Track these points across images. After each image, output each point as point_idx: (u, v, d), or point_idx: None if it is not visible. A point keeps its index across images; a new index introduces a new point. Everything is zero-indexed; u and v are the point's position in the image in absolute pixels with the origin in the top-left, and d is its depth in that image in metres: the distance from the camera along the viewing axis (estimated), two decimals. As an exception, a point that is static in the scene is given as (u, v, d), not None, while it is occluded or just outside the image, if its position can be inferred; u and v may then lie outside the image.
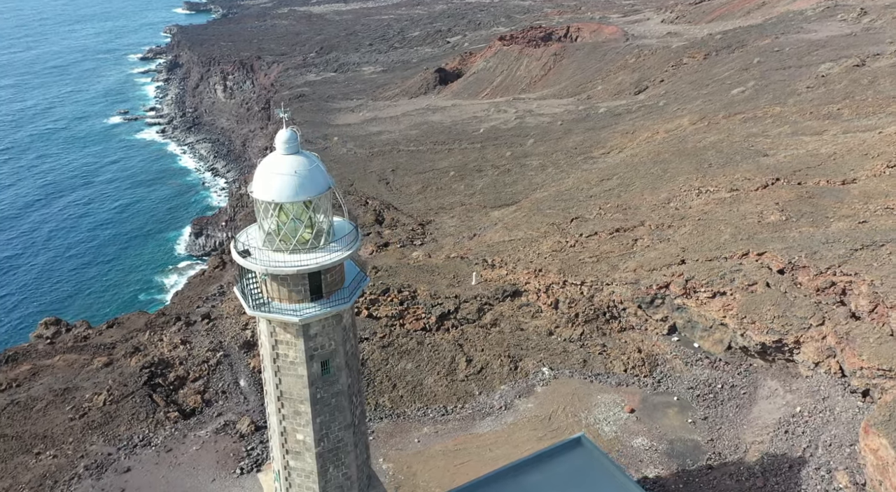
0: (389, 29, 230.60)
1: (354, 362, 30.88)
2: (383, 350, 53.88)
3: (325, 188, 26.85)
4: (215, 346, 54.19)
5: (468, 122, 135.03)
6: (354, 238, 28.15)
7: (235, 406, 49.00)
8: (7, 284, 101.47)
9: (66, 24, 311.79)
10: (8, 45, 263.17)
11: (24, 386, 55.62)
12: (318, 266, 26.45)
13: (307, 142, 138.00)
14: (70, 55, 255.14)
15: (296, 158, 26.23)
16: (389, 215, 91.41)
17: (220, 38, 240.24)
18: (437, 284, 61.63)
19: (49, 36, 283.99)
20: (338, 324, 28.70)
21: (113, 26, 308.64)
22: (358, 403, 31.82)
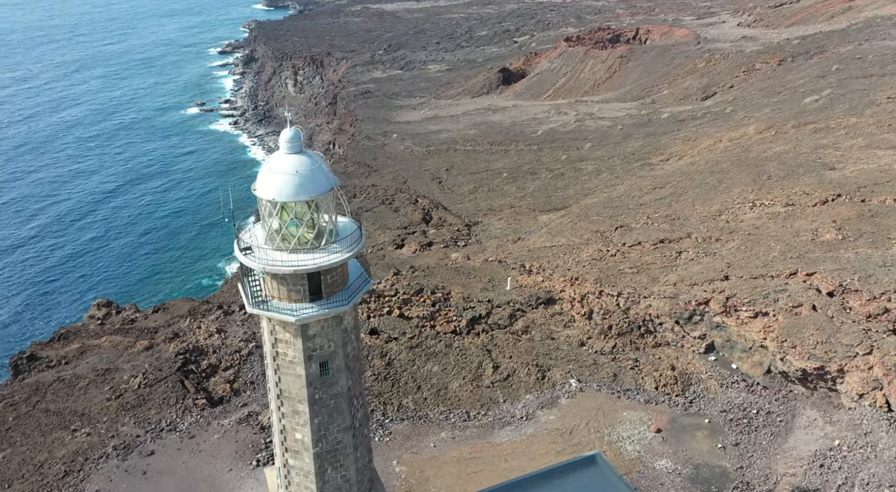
0: (458, 28, 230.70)
1: (356, 365, 30.75)
2: (411, 351, 53.79)
3: (326, 189, 26.75)
4: (248, 336, 55.37)
5: (527, 123, 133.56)
6: (356, 240, 27.98)
7: (261, 398, 49.88)
8: (85, 265, 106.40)
9: (154, 17, 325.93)
10: (102, 38, 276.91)
11: (72, 364, 58.38)
12: (316, 267, 26.40)
13: (367, 138, 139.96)
14: (156, 48, 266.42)
15: (298, 157, 26.24)
16: (437, 215, 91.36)
17: (294, 33, 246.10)
18: (472, 287, 61.14)
19: (139, 29, 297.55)
20: (338, 325, 28.60)
21: (197, 21, 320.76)
22: (359, 405, 31.67)
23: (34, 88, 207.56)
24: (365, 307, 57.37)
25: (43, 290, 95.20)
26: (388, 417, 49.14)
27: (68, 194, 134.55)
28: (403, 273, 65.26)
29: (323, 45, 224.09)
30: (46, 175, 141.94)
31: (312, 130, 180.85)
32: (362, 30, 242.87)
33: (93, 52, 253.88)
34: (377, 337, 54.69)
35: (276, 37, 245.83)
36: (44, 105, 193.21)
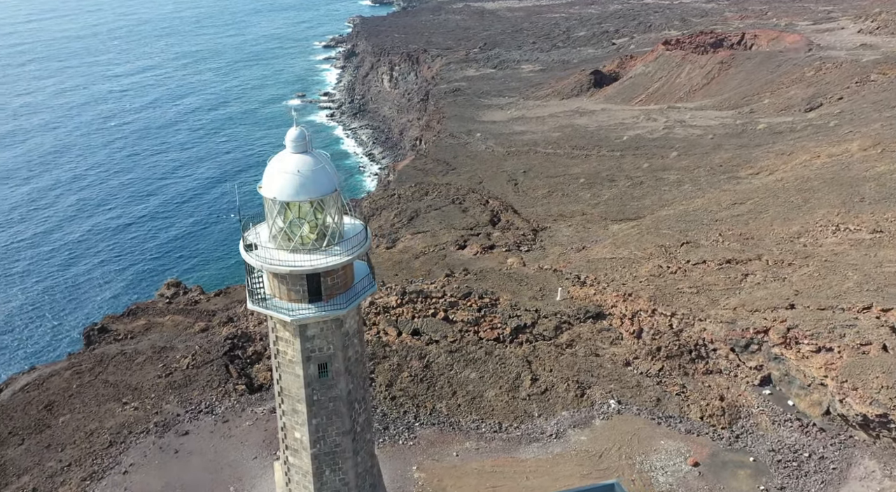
0: (556, 27, 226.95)
1: (358, 369, 30.55)
2: (450, 355, 53.26)
3: (329, 190, 26.62)
4: (295, 327, 56.47)
5: (613, 128, 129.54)
6: (359, 243, 27.75)
7: (297, 388, 50.79)
8: (183, 246, 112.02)
9: (268, 12, 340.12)
10: (220, 31, 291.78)
11: (136, 339, 61.78)
12: (313, 269, 26.33)
13: (450, 136, 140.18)
14: (267, 42, 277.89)
15: (302, 157, 26.23)
16: (506, 218, 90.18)
17: (395, 29, 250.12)
18: (522, 294, 59.84)
19: (253, 24, 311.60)
20: (338, 328, 28.47)
21: (307, 16, 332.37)
22: (361, 410, 31.44)
23: (157, 77, 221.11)
24: (411, 307, 57.35)
25: (140, 266, 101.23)
26: (420, 420, 48.86)
27: (177, 179, 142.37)
28: (456, 275, 64.80)
29: (420, 42, 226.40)
30: (160, 160, 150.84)
31: (403, 126, 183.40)
32: (461, 27, 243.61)
33: (211, 44, 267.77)
34: (418, 338, 54.53)
35: (377, 32, 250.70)
36: (164, 94, 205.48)
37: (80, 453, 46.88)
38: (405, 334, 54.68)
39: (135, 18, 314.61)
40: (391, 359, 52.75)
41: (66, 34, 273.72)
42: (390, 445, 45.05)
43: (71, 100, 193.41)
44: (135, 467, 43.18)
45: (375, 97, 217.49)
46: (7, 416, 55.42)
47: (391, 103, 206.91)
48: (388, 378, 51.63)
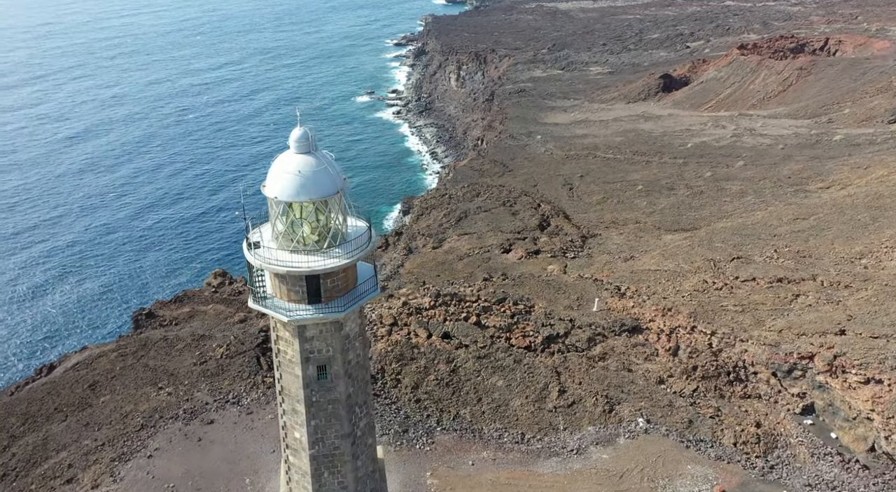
0: (628, 29, 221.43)
1: (360, 373, 30.35)
2: (479, 361, 52.55)
3: (331, 191, 26.45)
4: (327, 324, 56.97)
5: (678, 134, 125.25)
6: (360, 246, 27.49)
7: (323, 385, 51.20)
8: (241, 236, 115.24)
9: (345, 10, 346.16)
10: (299, 28, 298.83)
11: (180, 326, 63.76)
12: (309, 270, 26.23)
13: (510, 137, 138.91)
14: (342, 39, 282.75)
15: (305, 157, 26.15)
16: (556, 222, 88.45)
17: (465, 29, 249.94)
18: (558, 302, 58.46)
19: (329, 21, 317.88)
20: (337, 331, 28.33)
21: (381, 14, 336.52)
22: (362, 414, 31.25)
23: (236, 72, 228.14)
24: (443, 310, 56.90)
25: (205, 255, 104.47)
26: (442, 425, 48.43)
27: (248, 172, 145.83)
28: (494, 279, 63.95)
29: (489, 42, 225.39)
30: (233, 153, 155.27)
31: (467, 126, 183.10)
32: (531, 28, 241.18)
33: (288, 41, 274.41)
34: (448, 341, 54.04)
35: (447, 31, 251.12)
36: (241, 89, 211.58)
37: (113, 434, 48.68)
38: (435, 337, 54.29)
39: (219, 14, 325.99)
40: (419, 361, 52.49)
41: (155, 29, 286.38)
42: (407, 448, 44.78)
43: (155, 92, 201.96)
44: (159, 452, 44.46)
45: (442, 96, 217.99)
46: (56, 392, 58.21)
47: (457, 102, 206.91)
48: (414, 380, 51.40)
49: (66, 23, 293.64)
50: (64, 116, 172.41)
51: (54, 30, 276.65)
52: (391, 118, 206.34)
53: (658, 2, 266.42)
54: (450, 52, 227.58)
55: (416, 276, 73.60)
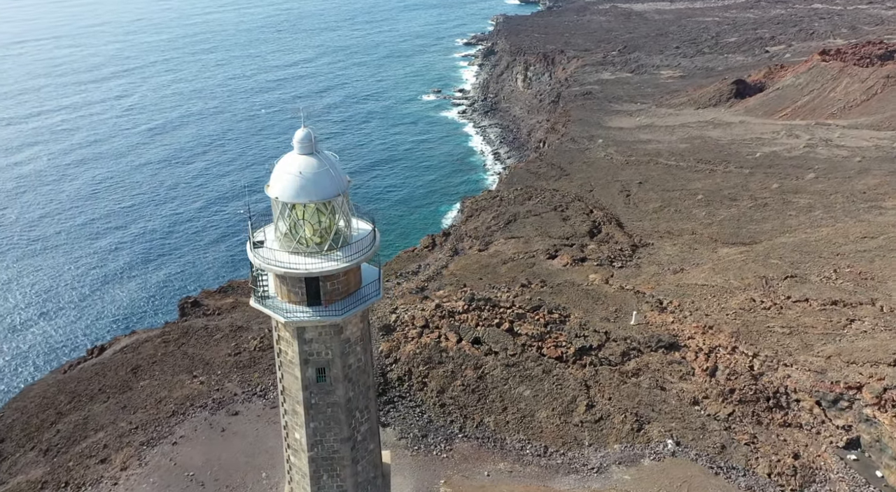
0: (704, 32, 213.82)
1: (361, 378, 30.05)
2: (507, 369, 51.56)
3: (332, 193, 26.20)
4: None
5: (747, 143, 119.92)
6: (362, 249, 27.18)
7: (349, 383, 51.34)
8: None
9: (418, 9, 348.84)
10: (371, 27, 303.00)
11: (221, 316, 65.38)
12: (307, 272, 26.08)
13: (571, 140, 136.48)
14: (414, 39, 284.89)
15: (307, 158, 25.99)
16: (607, 230, 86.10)
17: (535, 29, 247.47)
18: (594, 313, 56.73)
19: (403, 20, 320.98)
20: (336, 334, 28.12)
21: (453, 13, 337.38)
22: (363, 419, 30.96)
23: (310, 70, 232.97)
24: (476, 315, 56.13)
25: None
26: (464, 432, 47.76)
27: None
28: (532, 286, 62.68)
29: (559, 43, 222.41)
30: None
31: (532, 127, 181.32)
32: (603, 29, 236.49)
33: (361, 39, 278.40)
34: (478, 347, 53.25)
35: (517, 31, 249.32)
36: (314, 86, 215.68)
37: (146, 418, 50.26)
38: (465, 342, 53.60)
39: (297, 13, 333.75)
40: (446, 365, 51.94)
41: (235, 26, 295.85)
42: (424, 454, 44.32)
43: (232, 87, 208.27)
44: (184, 440, 45.55)
45: (508, 96, 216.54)
46: (102, 373, 60.72)
47: (522, 103, 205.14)
48: (440, 384, 50.90)
49: (156, 19, 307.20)
50: (147, 109, 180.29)
51: (144, 26, 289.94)
52: (456, 117, 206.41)
53: (740, 4, 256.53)
54: (518, 52, 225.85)
55: (457, 278, 73.01)
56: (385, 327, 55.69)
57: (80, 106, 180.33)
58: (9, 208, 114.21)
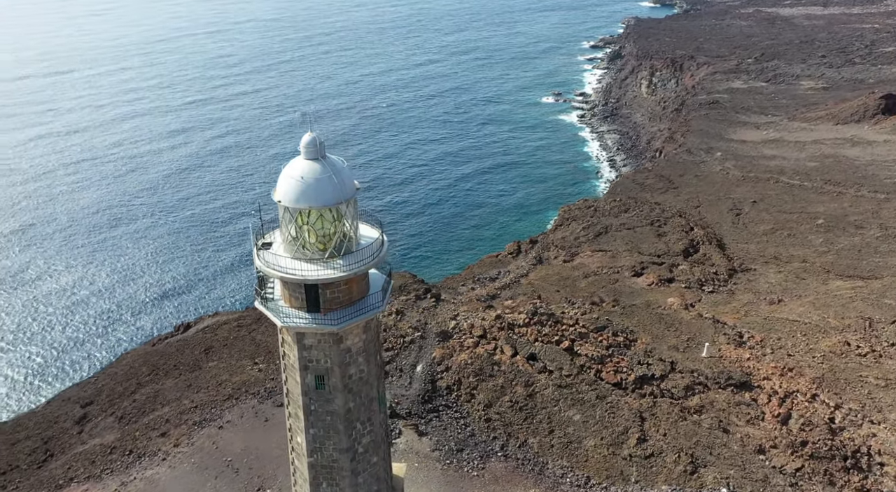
0: (858, 40, 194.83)
1: (363, 389, 29.46)
2: (559, 389, 49.17)
3: (334, 200, 25.74)
4: (419, 325, 56.72)
5: (888, 165, 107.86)
6: (363, 259, 26.56)
7: (397, 387, 51.00)
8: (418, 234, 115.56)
9: (547, 11, 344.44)
10: (500, 30, 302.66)
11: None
12: (302, 278, 25.79)
13: (687, 151, 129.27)
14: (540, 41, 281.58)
15: (312, 164, 25.65)
16: (705, 250, 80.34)
17: (667, 33, 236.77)
18: (663, 340, 52.86)
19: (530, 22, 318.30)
20: (335, 343, 27.72)
21: (583, 15, 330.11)
22: (365, 432, 30.39)
23: (438, 70, 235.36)
24: (536, 330, 53.95)
25: None
26: (504, 450, 46.06)
27: (434, 170, 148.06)
28: (603, 304, 59.47)
29: (690, 48, 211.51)
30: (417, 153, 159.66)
31: (652, 135, 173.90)
32: (742, 35, 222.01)
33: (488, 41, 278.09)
34: (532, 364, 51.17)
35: (647, 35, 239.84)
36: (437, 88, 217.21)
37: (206, 399, 52.53)
38: (520, 357, 51.68)
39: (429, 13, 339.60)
40: (497, 379, 50.33)
41: (370, 25, 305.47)
42: (455, 469, 43.08)
43: (362, 85, 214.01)
44: (229, 425, 47.08)
45: (630, 102, 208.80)
46: (181, 351, 64.33)
47: (645, 110, 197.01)
48: (488, 398, 49.41)
49: (298, 17, 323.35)
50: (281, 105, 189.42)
51: (283, 24, 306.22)
52: (574, 121, 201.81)
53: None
54: (644, 56, 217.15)
55: (534, 288, 70.91)
56: (442, 333, 54.85)
57: (222, 99, 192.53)
58: (155, 189, 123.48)
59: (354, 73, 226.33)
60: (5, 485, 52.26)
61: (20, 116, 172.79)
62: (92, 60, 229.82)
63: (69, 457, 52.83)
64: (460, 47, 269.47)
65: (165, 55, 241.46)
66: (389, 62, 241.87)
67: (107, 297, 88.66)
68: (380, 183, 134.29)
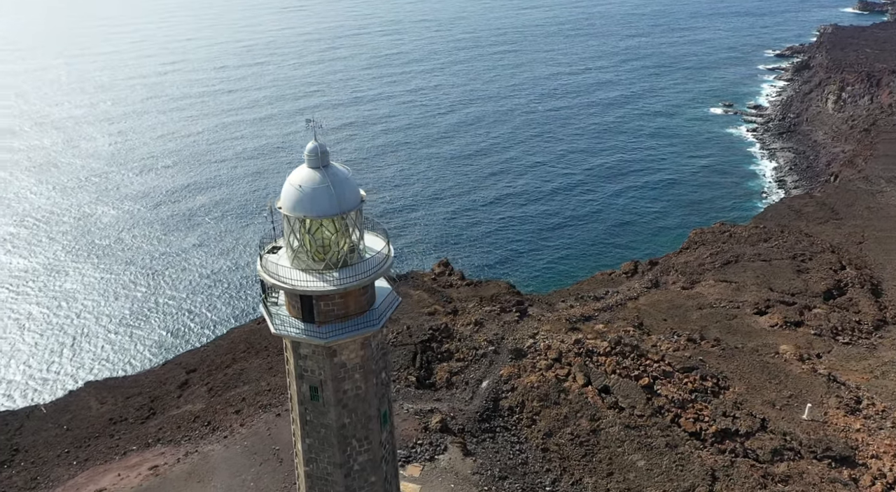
0: None
1: (360, 406, 28.54)
2: (627, 430, 45.01)
3: (330, 212, 24.96)
4: (495, 339, 54.59)
5: None
6: (357, 274, 25.56)
7: (456, 401, 49.40)
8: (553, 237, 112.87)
9: (731, 17, 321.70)
10: (680, 36, 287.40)
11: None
12: (290, 288, 25.27)
13: (864, 179, 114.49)
14: (717, 50, 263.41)
15: (311, 172, 25.04)
16: (853, 294, 69.93)
17: (868, 43, 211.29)
18: (760, 393, 46.53)
19: (709, 29, 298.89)
20: (329, 357, 27.07)
21: (768, 21, 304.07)
22: (363, 450, 29.54)
23: (605, 79, 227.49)
24: (615, 360, 49.79)
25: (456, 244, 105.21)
26: (555, 487, 43.02)
27: (583, 182, 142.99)
28: (701, 343, 53.63)
29: (893, 61, 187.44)
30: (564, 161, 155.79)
31: (832, 157, 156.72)
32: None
33: (665, 48, 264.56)
34: (603, 397, 47.29)
35: (843, 45, 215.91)
36: (605, 95, 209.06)
37: (278, 384, 54.28)
38: (592, 387, 47.96)
39: (602, 16, 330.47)
40: (562, 408, 47.11)
41: (540, 26, 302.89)
42: (492, 497, 40.76)
43: (523, 88, 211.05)
44: (286, 413, 48.13)
45: (812, 118, 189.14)
46: (278, 333, 67.13)
47: (828, 128, 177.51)
48: (549, 426, 46.43)
49: (475, 17, 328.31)
50: (440, 104, 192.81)
51: (459, 23, 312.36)
52: (744, 135, 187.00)
53: None
54: (835, 68, 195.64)
55: (638, 313, 65.86)
56: (516, 351, 52.37)
57: (387, 95, 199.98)
58: None
59: (520, 76, 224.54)
60: (113, 434, 57.52)
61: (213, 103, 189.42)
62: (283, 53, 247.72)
63: (165, 418, 57.11)
64: (633, 54, 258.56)
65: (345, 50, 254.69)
66: (555, 67, 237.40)
67: (235, 273, 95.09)
68: (525, 190, 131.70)
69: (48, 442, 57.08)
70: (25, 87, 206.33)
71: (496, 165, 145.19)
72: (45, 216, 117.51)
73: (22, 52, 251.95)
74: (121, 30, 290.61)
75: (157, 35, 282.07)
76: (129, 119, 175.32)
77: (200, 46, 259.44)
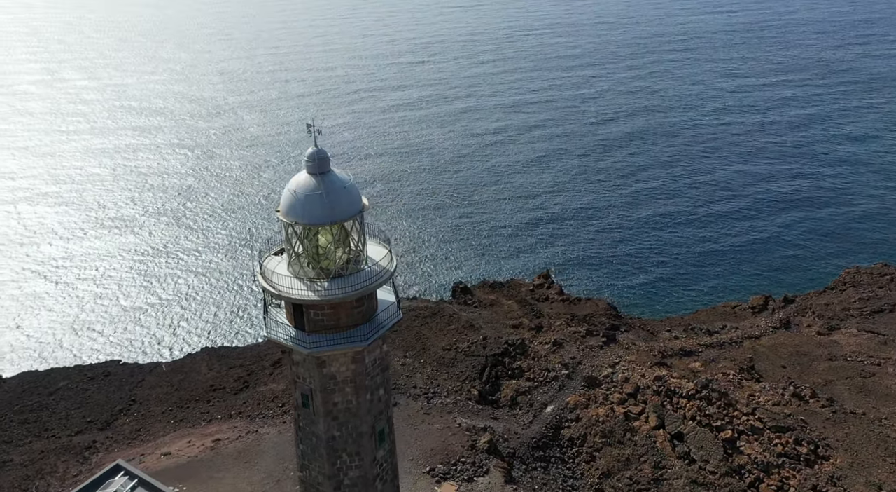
0: None
1: (351, 421, 27.70)
2: (693, 486, 39.95)
3: (323, 220, 24.20)
4: (572, 362, 50.94)
5: None
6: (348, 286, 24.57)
7: (515, 423, 46.66)
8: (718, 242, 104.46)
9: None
10: (868, 53, 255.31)
11: (466, 311, 65.12)
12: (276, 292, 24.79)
13: None
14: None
15: (309, 178, 24.36)
16: None
17: None
18: (867, 469, 39.37)
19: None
20: (317, 366, 26.52)
21: None
22: (354, 465, 28.75)
23: (785, 95, 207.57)
24: (698, 406, 44.39)
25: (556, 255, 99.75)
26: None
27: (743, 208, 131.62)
28: (810, 401, 46.32)
29: None
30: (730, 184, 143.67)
31: None
32: None
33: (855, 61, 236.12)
34: (674, 444, 42.38)
35: None
36: (786, 113, 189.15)
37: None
38: (664, 431, 43.18)
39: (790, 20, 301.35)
40: (626, 448, 42.91)
41: (718, 30, 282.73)
42: (522, 533, 37.87)
43: (686, 95, 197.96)
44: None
45: None
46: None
47: None
48: (608, 466, 42.50)
49: (638, 18, 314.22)
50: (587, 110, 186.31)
51: (624, 23, 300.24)
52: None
53: None
54: None
55: (751, 355, 58.70)
56: (590, 379, 48.47)
57: (548, 100, 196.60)
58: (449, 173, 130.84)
59: (693, 88, 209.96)
60: (210, 399, 61.26)
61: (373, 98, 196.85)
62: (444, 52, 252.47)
63: (253, 392, 59.84)
64: (827, 68, 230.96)
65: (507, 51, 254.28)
66: (733, 79, 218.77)
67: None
68: (679, 209, 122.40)
69: (159, 398, 61.68)
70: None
71: (651, 181, 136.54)
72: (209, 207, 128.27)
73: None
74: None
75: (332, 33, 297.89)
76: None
77: (378, 43, 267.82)
